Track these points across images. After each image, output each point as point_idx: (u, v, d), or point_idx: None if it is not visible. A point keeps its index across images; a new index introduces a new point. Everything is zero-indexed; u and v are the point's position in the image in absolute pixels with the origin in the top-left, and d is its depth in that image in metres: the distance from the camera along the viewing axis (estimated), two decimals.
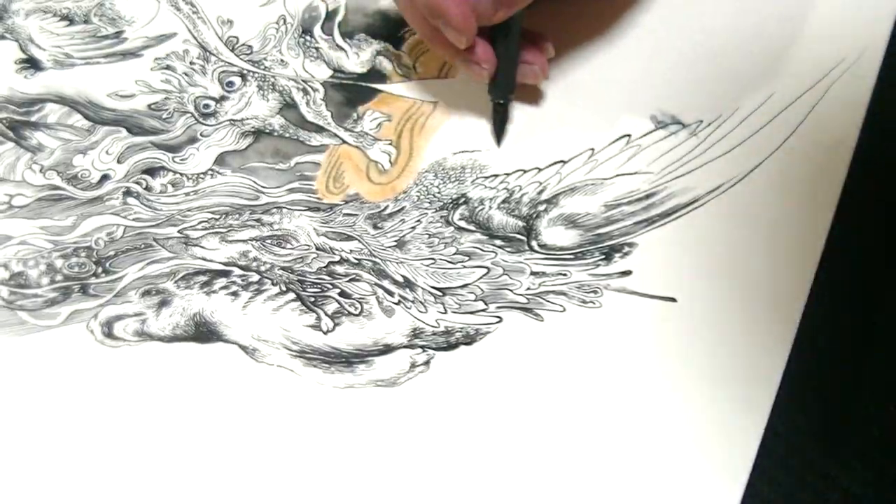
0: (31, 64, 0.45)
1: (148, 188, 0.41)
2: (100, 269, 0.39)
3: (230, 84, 0.44)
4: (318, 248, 0.39)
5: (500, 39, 0.39)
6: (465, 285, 0.38)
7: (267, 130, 0.43)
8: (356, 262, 0.39)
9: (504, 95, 0.41)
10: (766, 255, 0.37)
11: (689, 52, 0.44)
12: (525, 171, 0.40)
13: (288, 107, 0.43)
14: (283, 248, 0.39)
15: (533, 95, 0.43)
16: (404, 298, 0.37)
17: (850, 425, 0.34)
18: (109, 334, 0.37)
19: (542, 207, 0.39)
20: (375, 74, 0.44)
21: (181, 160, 0.42)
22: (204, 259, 0.39)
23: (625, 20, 0.45)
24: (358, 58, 0.45)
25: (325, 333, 0.37)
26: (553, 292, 0.37)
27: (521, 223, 0.39)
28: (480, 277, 0.38)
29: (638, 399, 0.34)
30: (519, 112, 0.42)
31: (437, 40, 0.39)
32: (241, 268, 0.39)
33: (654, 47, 0.44)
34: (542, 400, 0.35)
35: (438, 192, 0.40)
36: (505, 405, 0.35)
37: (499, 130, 0.41)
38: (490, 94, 0.41)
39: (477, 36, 0.38)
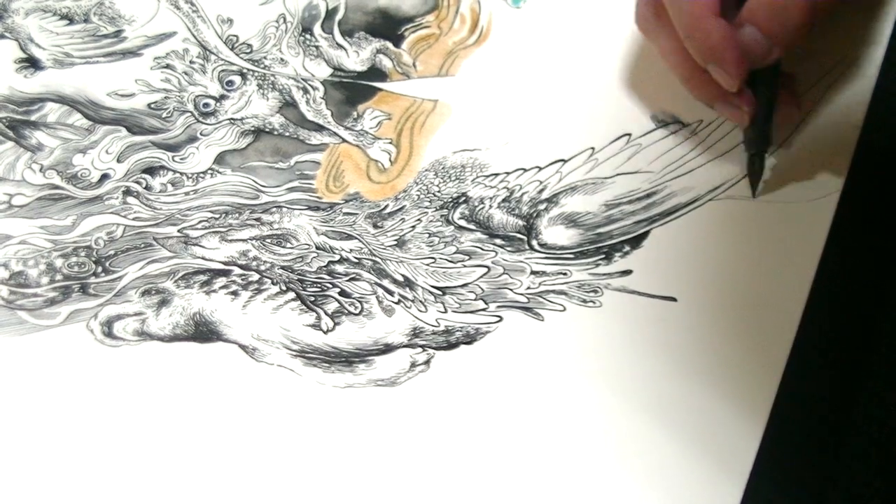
0: (31, 63, 0.45)
1: (148, 187, 0.41)
2: (99, 269, 0.39)
3: (230, 83, 0.44)
4: (317, 248, 0.39)
5: (760, 85, 0.37)
6: (465, 284, 0.38)
7: (267, 129, 0.43)
8: (356, 261, 0.39)
9: (762, 147, 0.38)
10: (766, 254, 0.37)
11: None
12: (525, 170, 0.40)
13: (288, 105, 0.43)
14: (283, 247, 0.39)
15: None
16: (404, 298, 0.37)
17: (850, 425, 0.34)
18: (109, 334, 0.37)
19: (542, 206, 0.39)
20: (375, 73, 0.44)
21: (181, 159, 0.42)
22: (204, 258, 0.39)
23: (625, 19, 0.45)
24: (358, 56, 0.45)
25: (325, 333, 0.37)
26: (553, 291, 0.37)
27: (521, 222, 0.39)
28: (480, 276, 0.38)
29: (638, 398, 0.34)
30: (521, 110, 0.42)
31: (700, 83, 0.38)
32: (240, 267, 0.39)
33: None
34: (543, 399, 0.35)
35: (438, 191, 0.40)
36: (505, 405, 0.35)
37: (755, 183, 0.39)
38: (747, 144, 0.39)
39: None
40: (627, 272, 0.37)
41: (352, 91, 0.44)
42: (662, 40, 0.38)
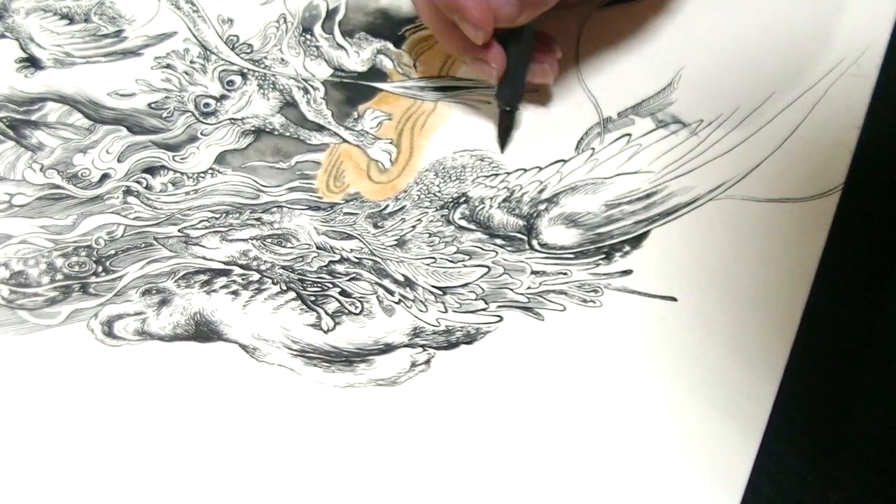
0: (32, 63, 0.45)
1: (148, 187, 0.41)
2: (100, 268, 0.39)
3: (230, 83, 0.44)
4: (318, 247, 0.39)
5: (512, 43, 0.38)
6: (465, 284, 0.38)
7: (267, 129, 0.43)
8: (357, 261, 0.39)
9: (512, 102, 0.40)
10: (766, 254, 0.37)
11: (690, 51, 0.44)
12: (526, 170, 0.40)
13: (288, 105, 0.43)
14: (284, 247, 0.39)
15: (542, 98, 0.42)
16: (405, 297, 0.38)
17: (850, 425, 0.34)
18: (110, 333, 0.37)
19: (542, 206, 0.39)
20: (376, 73, 0.44)
21: (181, 159, 0.42)
22: (204, 258, 0.39)
23: (624, 18, 0.45)
24: (358, 56, 0.45)
25: (325, 332, 0.37)
26: (553, 291, 0.37)
27: (521, 222, 0.39)
28: (481, 276, 0.38)
29: (638, 398, 0.34)
30: (519, 111, 0.42)
31: (449, 35, 0.38)
32: (241, 267, 0.39)
33: (654, 46, 0.44)
34: (543, 399, 0.35)
35: (439, 191, 0.40)
36: (505, 404, 0.35)
37: (503, 137, 0.41)
38: (497, 99, 0.40)
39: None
40: (628, 272, 0.37)
41: (352, 91, 0.44)
42: None
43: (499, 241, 0.39)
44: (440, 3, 0.37)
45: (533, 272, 0.38)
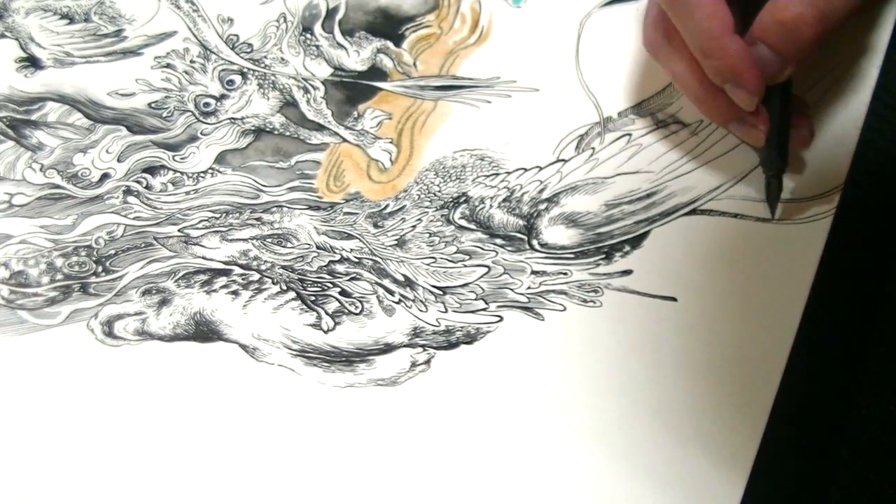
0: (32, 62, 0.45)
1: (148, 187, 0.41)
2: (100, 268, 0.39)
3: (230, 82, 0.44)
4: (318, 247, 0.39)
5: (771, 101, 0.36)
6: (465, 284, 0.38)
7: (267, 129, 0.43)
8: (357, 260, 0.39)
9: (780, 167, 0.37)
10: (765, 254, 0.37)
11: None
12: (526, 170, 0.40)
13: (288, 105, 0.43)
14: (284, 246, 0.39)
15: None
16: (405, 297, 0.38)
17: (850, 424, 0.34)
18: (110, 333, 0.37)
19: (542, 206, 0.39)
20: (376, 72, 0.44)
21: (181, 159, 0.42)
22: (204, 258, 0.39)
23: (624, 18, 0.45)
24: (358, 55, 0.45)
25: (325, 332, 0.37)
26: (554, 291, 0.37)
27: (521, 222, 0.39)
28: (481, 276, 0.38)
29: (638, 398, 0.34)
30: (520, 110, 0.42)
31: (712, 102, 0.37)
32: (241, 267, 0.39)
33: None
34: (543, 399, 0.35)
35: (439, 191, 0.40)
36: (506, 404, 0.35)
37: (774, 203, 0.38)
38: (765, 167, 0.38)
39: None
40: (628, 272, 0.37)
41: (352, 90, 0.44)
42: (674, 63, 0.38)
43: (499, 241, 0.39)
44: (711, 73, 0.35)
45: (533, 272, 0.38)
